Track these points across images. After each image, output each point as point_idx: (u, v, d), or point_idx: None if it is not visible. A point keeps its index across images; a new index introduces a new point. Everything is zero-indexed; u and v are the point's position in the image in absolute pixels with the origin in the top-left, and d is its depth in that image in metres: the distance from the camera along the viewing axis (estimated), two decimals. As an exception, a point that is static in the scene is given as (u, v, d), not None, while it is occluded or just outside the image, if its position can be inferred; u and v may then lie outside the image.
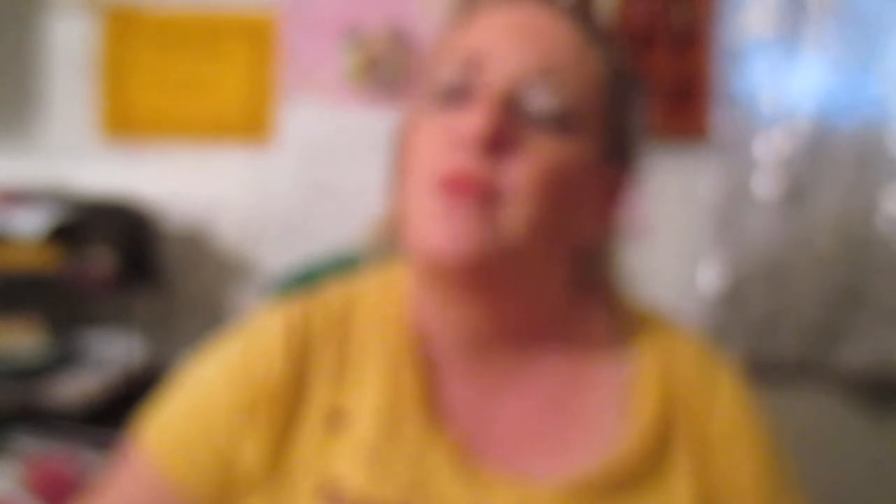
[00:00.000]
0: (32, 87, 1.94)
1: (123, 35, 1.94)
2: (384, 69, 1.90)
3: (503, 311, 0.65)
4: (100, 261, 1.66)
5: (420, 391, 0.65)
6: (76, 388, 1.61)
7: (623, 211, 0.70)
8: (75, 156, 1.92)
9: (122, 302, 1.87)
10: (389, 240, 0.72)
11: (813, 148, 1.87)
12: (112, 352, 1.79)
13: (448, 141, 0.61)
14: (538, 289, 0.66)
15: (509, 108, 0.60)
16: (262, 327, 0.68)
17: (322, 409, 0.65)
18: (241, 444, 0.64)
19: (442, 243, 0.59)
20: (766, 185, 1.88)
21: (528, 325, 0.67)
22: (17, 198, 1.66)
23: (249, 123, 1.95)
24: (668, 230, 1.89)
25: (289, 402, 0.65)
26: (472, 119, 0.59)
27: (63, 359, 1.70)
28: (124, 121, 1.95)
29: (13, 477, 1.44)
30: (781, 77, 1.88)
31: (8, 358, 1.62)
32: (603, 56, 0.66)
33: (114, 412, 1.39)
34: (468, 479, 0.62)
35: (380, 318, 0.69)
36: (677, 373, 0.68)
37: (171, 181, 1.92)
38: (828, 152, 1.88)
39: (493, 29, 0.64)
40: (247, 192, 1.94)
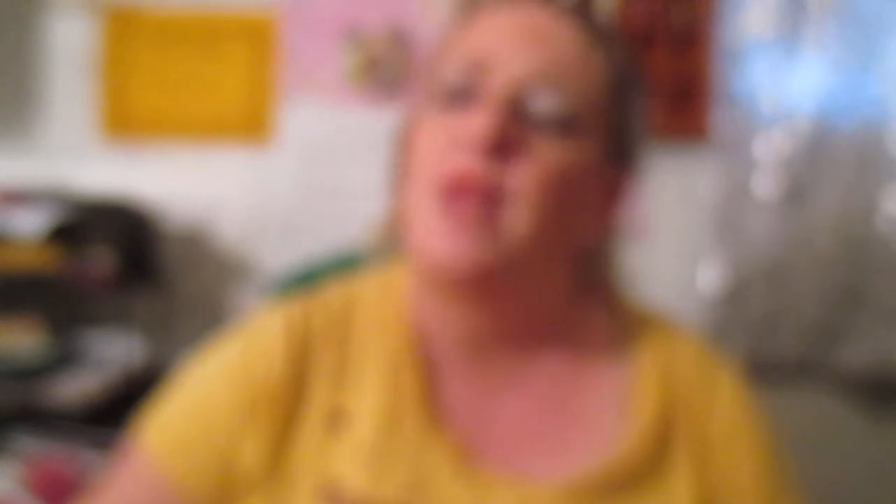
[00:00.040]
0: (32, 87, 1.94)
1: (123, 35, 1.94)
2: (384, 69, 1.90)
3: (504, 313, 0.65)
4: (100, 261, 1.65)
5: (420, 391, 0.65)
6: (76, 388, 1.61)
7: (623, 211, 0.70)
8: (75, 156, 1.92)
9: (122, 302, 1.87)
10: (390, 240, 0.72)
11: (813, 148, 1.87)
12: (112, 352, 1.79)
13: (452, 142, 0.61)
14: (539, 290, 0.65)
15: (514, 111, 0.60)
16: (262, 327, 0.68)
17: (322, 409, 0.65)
18: (241, 444, 0.64)
19: (446, 255, 0.59)
20: (766, 185, 1.88)
21: (528, 326, 0.67)
22: (17, 198, 1.66)
23: (249, 123, 1.95)
24: (668, 230, 1.89)
25: (289, 402, 0.65)
26: (478, 122, 0.59)
27: (63, 359, 1.70)
28: (124, 121, 1.95)
29: (13, 477, 1.44)
30: (781, 77, 1.88)
31: (8, 358, 1.62)
32: (606, 56, 0.66)
33: (114, 412, 1.39)
34: (468, 479, 0.62)
35: (380, 318, 0.69)
36: (677, 373, 0.68)
37: (171, 181, 1.92)
38: (828, 152, 1.88)
39: (497, 30, 0.64)
40: (247, 192, 1.94)
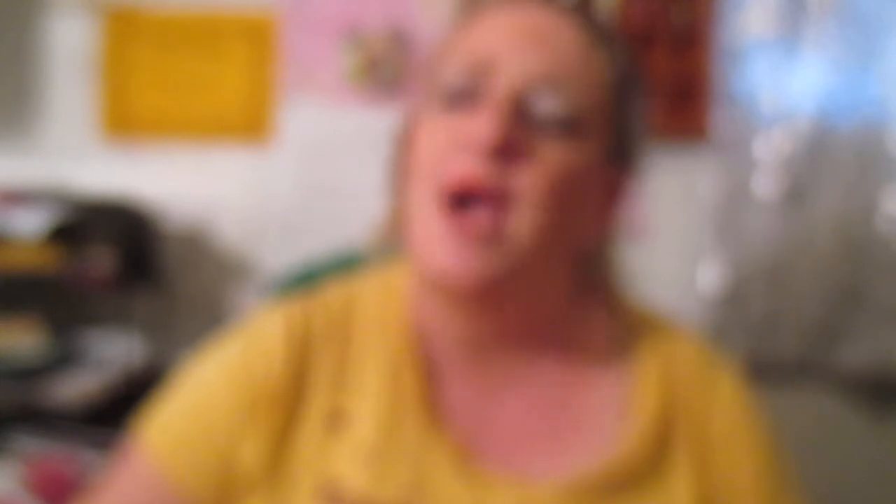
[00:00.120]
0: (32, 87, 1.94)
1: (123, 35, 1.94)
2: (384, 69, 1.90)
3: (505, 316, 0.65)
4: (100, 261, 1.65)
5: (420, 392, 0.65)
6: (76, 388, 1.60)
7: (624, 211, 0.70)
8: (75, 156, 1.92)
9: (122, 302, 1.87)
10: (390, 240, 0.72)
11: (813, 148, 1.87)
12: (112, 352, 1.79)
13: (454, 143, 0.61)
14: (540, 292, 0.65)
15: (517, 113, 0.60)
16: (263, 327, 0.68)
17: (322, 409, 0.65)
18: (241, 444, 0.64)
19: (451, 268, 0.59)
20: (766, 185, 1.88)
21: (528, 327, 0.67)
22: (17, 198, 1.66)
23: (249, 123, 1.95)
24: (668, 230, 1.89)
25: (289, 403, 0.65)
26: (482, 124, 0.59)
27: (63, 359, 1.69)
28: (124, 121, 1.95)
29: (13, 477, 1.44)
30: (781, 77, 1.88)
31: (8, 358, 1.62)
32: (607, 57, 0.65)
33: (114, 412, 1.39)
34: (468, 480, 0.62)
35: (380, 318, 0.69)
36: (677, 373, 0.68)
37: (171, 181, 1.92)
38: (828, 152, 1.88)
39: (499, 31, 0.64)
40: (247, 192, 1.94)
